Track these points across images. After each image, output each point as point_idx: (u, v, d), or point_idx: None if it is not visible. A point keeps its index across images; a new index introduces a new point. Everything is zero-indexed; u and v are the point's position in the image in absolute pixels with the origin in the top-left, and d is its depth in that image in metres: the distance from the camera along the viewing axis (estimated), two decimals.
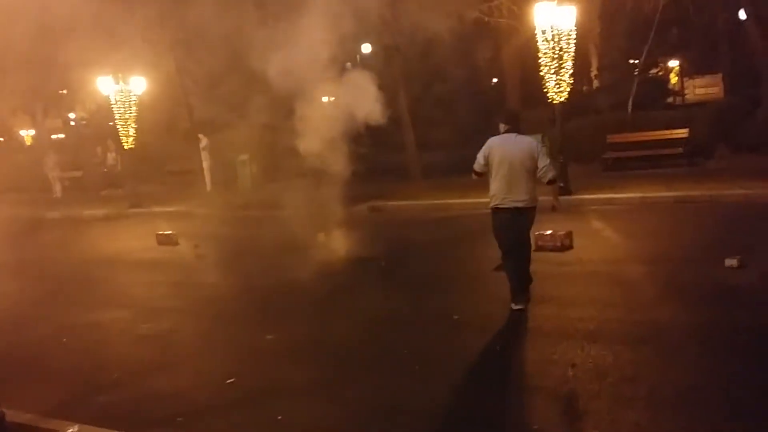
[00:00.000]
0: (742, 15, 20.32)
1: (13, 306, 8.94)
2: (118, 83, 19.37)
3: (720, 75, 26.06)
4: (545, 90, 14.15)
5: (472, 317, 6.82)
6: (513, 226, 6.69)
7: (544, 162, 6.66)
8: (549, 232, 9.34)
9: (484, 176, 6.85)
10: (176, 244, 12.71)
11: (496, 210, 6.75)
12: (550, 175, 6.69)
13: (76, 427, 4.75)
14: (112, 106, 19.80)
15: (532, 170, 6.63)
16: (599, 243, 9.89)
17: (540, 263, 8.36)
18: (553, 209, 7.11)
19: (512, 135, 6.78)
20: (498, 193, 6.68)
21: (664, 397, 4.61)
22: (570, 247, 9.21)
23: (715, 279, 7.27)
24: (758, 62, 18.37)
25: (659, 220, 11.21)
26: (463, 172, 17.91)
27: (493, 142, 6.81)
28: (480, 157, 6.81)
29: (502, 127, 6.87)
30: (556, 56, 13.76)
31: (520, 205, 6.63)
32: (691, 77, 29.23)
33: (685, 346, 5.52)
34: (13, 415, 4.87)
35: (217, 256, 11.40)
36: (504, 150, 6.68)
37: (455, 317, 6.80)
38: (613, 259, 8.74)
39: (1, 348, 7.04)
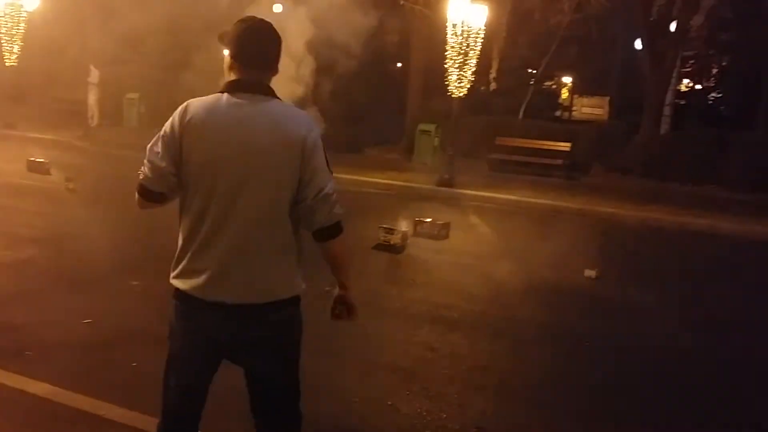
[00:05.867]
0: (638, 44, 21.44)
1: None
2: None
3: (608, 98, 27.39)
4: (447, 83, 14.47)
5: None
6: (229, 353, 2.69)
7: (320, 179, 2.56)
8: (428, 219, 9.61)
9: (165, 201, 2.67)
10: (47, 173, 12.16)
11: (182, 298, 2.62)
12: (326, 214, 2.58)
13: None
14: None
15: (289, 201, 2.56)
16: (474, 237, 10.27)
17: (416, 248, 8.64)
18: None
19: (250, 99, 2.55)
20: (191, 256, 2.58)
21: (511, 388, 4.89)
22: (446, 237, 9.51)
23: (573, 286, 7.72)
24: (644, 91, 19.46)
25: (532, 224, 11.74)
26: (350, 149, 18.22)
27: (196, 113, 2.53)
28: (158, 150, 2.56)
29: (229, 78, 2.61)
30: (462, 52, 14.10)
31: (248, 299, 2.57)
32: (581, 95, 30.54)
33: (537, 344, 5.86)
34: None
35: (90, 192, 10.98)
36: (220, 139, 2.51)
37: (327, 289, 6.87)
38: (484, 254, 9.09)
39: None
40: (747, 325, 6.79)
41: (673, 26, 19.20)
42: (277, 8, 11.70)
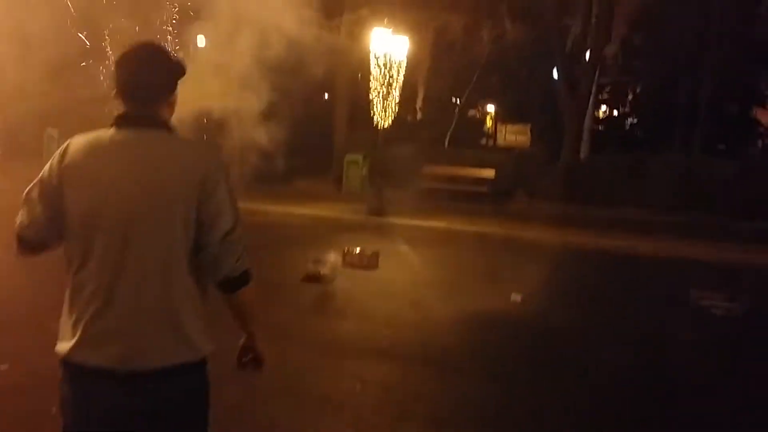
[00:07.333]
0: (555, 74, 22.15)
1: None
2: None
3: (529, 125, 28.14)
4: (372, 113, 14.65)
5: (268, 326, 6.83)
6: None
7: (224, 221, 2.22)
8: (357, 249, 9.62)
9: (46, 250, 2.34)
10: None
11: (69, 366, 2.24)
12: (232, 264, 2.28)
13: None
14: None
15: (188, 246, 2.20)
16: (403, 266, 10.32)
17: (345, 279, 8.62)
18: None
19: (139, 134, 2.23)
20: (78, 317, 2.19)
21: (442, 415, 4.91)
22: (376, 266, 9.53)
23: (500, 311, 7.83)
24: (563, 119, 20.06)
25: (460, 251, 11.89)
26: (280, 181, 18.17)
27: (76, 153, 2.21)
28: (34, 195, 2.26)
29: (117, 110, 2.26)
30: (385, 82, 14.32)
31: (143, 365, 2.16)
32: (504, 123, 31.29)
33: (466, 369, 5.91)
34: None
35: (2, 232, 10.60)
36: (103, 181, 2.17)
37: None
38: (413, 282, 9.15)
39: None
40: (667, 341, 7.01)
41: (587, 55, 19.95)
42: (200, 41, 11.65)
